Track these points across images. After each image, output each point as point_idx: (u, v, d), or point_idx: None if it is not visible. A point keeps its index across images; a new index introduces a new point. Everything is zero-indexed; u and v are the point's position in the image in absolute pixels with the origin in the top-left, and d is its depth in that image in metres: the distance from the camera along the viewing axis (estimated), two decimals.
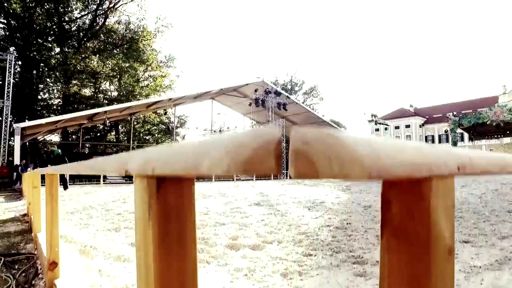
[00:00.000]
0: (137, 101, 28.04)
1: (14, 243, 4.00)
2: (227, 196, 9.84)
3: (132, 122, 33.10)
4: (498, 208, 5.87)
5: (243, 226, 4.47)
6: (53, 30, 30.76)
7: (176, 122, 38.37)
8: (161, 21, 32.99)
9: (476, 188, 11.71)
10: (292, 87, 62.05)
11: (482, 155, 0.59)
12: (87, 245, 3.21)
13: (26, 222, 5.55)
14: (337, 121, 65.59)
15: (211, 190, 13.01)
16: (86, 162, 0.88)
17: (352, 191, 11.64)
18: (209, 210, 6.35)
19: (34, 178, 3.56)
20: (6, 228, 5.00)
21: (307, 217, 5.28)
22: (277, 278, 2.29)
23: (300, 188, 13.62)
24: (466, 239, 3.42)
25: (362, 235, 3.74)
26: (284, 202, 7.66)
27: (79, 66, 27.80)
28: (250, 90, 30.69)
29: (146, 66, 34.47)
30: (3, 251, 3.57)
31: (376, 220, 4.89)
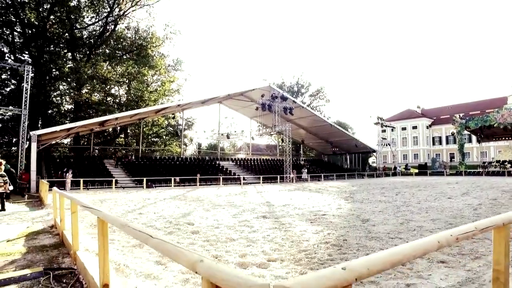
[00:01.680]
0: (147, 108, 28.83)
1: (53, 257, 4.63)
2: (236, 206, 10.41)
3: (141, 126, 33.97)
4: None
5: (251, 242, 5.04)
6: (65, 38, 31.77)
7: (184, 125, 39.09)
8: (169, 28, 33.81)
9: (476, 197, 12.10)
10: (299, 89, 62.42)
11: (378, 260, 1.15)
12: (120, 263, 3.82)
13: (56, 234, 6.19)
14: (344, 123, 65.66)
15: (219, 198, 13.62)
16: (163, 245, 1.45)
17: (355, 199, 12.13)
18: (220, 223, 6.94)
19: (72, 204, 4.17)
20: (41, 241, 5.64)
21: (309, 232, 5.83)
22: None
23: (304, 196, 14.14)
24: (444, 259, 3.94)
25: (354, 254, 4.28)
26: (288, 214, 8.21)
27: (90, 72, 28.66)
28: (257, 95, 31.28)
29: (155, 71, 35.30)
30: (47, 264, 4.20)
31: (370, 236, 5.42)
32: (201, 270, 1.10)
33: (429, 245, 1.48)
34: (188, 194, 15.84)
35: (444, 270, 3.48)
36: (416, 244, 1.42)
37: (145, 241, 1.64)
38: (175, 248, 1.34)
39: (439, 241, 1.54)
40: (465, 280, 3.13)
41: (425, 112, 70.87)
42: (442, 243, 1.55)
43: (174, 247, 1.35)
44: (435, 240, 1.53)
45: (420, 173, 44.85)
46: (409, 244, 1.40)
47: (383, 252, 1.26)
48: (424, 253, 1.46)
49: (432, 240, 1.52)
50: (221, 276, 1.02)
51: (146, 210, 9.63)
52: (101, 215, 2.60)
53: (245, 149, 43.52)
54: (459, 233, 1.72)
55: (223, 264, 1.13)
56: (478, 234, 1.95)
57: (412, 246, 1.38)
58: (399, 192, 15.45)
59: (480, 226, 1.90)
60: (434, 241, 1.52)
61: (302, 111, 34.95)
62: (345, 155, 45.45)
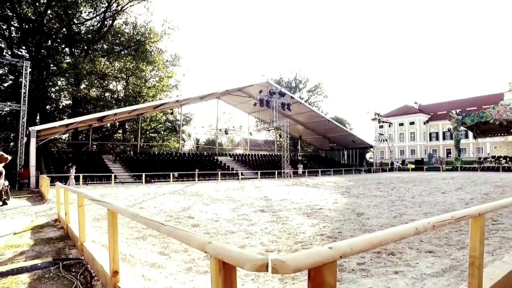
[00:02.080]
0: (146, 103, 28.91)
1: (60, 248, 4.82)
2: (234, 200, 10.63)
3: (140, 122, 34.07)
4: None
5: (250, 234, 5.26)
6: (63, 33, 31.64)
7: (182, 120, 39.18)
8: (167, 23, 33.74)
9: (469, 192, 12.39)
10: (297, 84, 62.50)
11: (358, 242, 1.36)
12: (126, 254, 4.02)
13: (60, 228, 6.38)
14: (341, 118, 65.92)
15: (218, 192, 13.85)
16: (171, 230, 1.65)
17: (351, 194, 12.39)
18: (219, 217, 7.16)
19: (79, 198, 4.36)
20: (46, 234, 5.84)
21: (305, 225, 6.06)
22: (275, 281, 3.08)
23: (301, 190, 14.39)
24: (432, 249, 4.18)
25: None
26: (286, 208, 8.44)
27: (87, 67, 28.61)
28: (255, 90, 31.41)
29: (153, 67, 35.29)
30: (55, 255, 4.39)
31: (364, 229, 5.65)
32: (210, 249, 1.29)
33: (407, 231, 1.68)
34: (187, 189, 16.05)
35: (431, 259, 3.71)
36: (395, 230, 1.63)
37: (156, 228, 1.84)
38: (186, 233, 1.54)
39: (416, 228, 1.75)
40: (449, 267, 3.36)
41: (423, 108, 71.22)
42: (419, 230, 1.76)
43: (185, 233, 1.55)
44: (413, 227, 1.73)
45: (416, 168, 45.30)
46: (389, 230, 1.61)
47: (365, 236, 1.46)
48: (402, 238, 1.67)
49: (410, 226, 1.73)
50: (227, 254, 1.22)
51: (147, 204, 9.83)
52: (111, 207, 2.80)
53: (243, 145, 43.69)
54: (436, 221, 1.93)
55: (228, 244, 1.33)
56: (453, 223, 2.17)
57: (391, 231, 1.59)
58: (395, 187, 15.72)
59: (456, 216, 2.11)
60: (412, 228, 1.73)
61: (299, 106, 35.13)
62: (342, 150, 45.77)
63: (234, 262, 1.19)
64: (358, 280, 3.07)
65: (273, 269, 1.08)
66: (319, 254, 1.19)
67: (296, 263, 1.11)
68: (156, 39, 34.03)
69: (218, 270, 1.25)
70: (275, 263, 1.08)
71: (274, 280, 3.14)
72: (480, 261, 2.36)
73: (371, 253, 4.02)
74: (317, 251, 1.21)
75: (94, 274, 3.53)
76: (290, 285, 2.99)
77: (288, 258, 1.11)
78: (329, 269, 1.21)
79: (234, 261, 1.18)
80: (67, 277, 3.46)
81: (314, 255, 1.18)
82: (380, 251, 4.13)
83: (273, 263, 1.08)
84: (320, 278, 1.20)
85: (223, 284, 1.24)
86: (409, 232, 1.70)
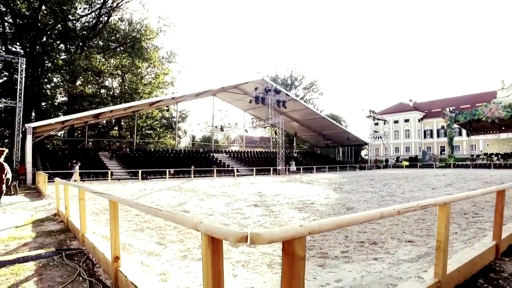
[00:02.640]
0: (142, 100, 29.00)
1: (61, 240, 5.05)
2: (229, 196, 10.90)
3: (135, 119, 34.14)
4: (459, 211, 6.91)
5: (242, 227, 5.53)
6: (58, 29, 31.53)
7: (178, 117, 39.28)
8: (163, 20, 33.79)
9: (458, 188, 12.78)
10: (292, 82, 62.72)
11: (326, 222, 1.63)
12: (125, 244, 4.27)
13: (60, 221, 6.60)
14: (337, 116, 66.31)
15: (213, 188, 14.10)
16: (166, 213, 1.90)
17: (343, 190, 12.70)
18: (214, 211, 7.42)
19: (80, 192, 4.59)
20: (47, 227, 6.05)
21: (296, 219, 6.34)
22: (264, 268, 3.35)
23: (295, 187, 14.69)
24: (413, 239, 4.48)
25: (335, 236, 4.79)
26: (279, 203, 8.72)
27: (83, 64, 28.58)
28: (251, 87, 31.59)
29: (149, 64, 35.30)
30: (57, 246, 4.62)
31: None
32: (201, 227, 1.55)
33: (372, 215, 1.95)
34: (183, 185, 16.28)
35: (409, 248, 4.00)
36: (361, 214, 1.89)
37: (155, 214, 2.09)
38: (181, 216, 1.79)
39: (381, 213, 2.01)
40: (424, 254, 3.65)
41: (417, 105, 71.89)
42: (384, 214, 2.02)
43: (180, 216, 1.80)
44: (378, 212, 2.00)
45: (410, 165, 45.86)
46: (355, 214, 1.87)
47: (333, 218, 1.72)
48: (367, 220, 1.93)
49: (376, 212, 1.99)
50: (215, 230, 1.47)
51: (144, 200, 10.06)
52: (112, 198, 3.04)
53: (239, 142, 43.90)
54: (401, 208, 2.20)
55: (215, 223, 1.59)
56: (419, 210, 2.44)
57: (357, 215, 1.85)
58: (387, 183, 16.08)
59: (422, 204, 2.38)
60: (377, 213, 1.99)
61: (295, 104, 35.39)
62: (337, 147, 46.17)
63: (220, 236, 1.44)
64: (340, 265, 3.34)
65: (251, 240, 1.34)
66: (291, 230, 1.45)
67: (270, 236, 1.37)
68: (152, 36, 34.03)
69: (208, 244, 1.51)
70: (253, 235, 1.34)
71: (263, 266, 3.41)
72: (445, 245, 2.64)
73: (355, 243, 4.31)
74: (290, 228, 1.47)
75: (95, 262, 3.77)
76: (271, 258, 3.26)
77: (264, 232, 1.37)
78: (300, 243, 1.47)
79: (220, 235, 1.44)
80: (70, 265, 3.70)
81: (287, 230, 1.44)
82: (363, 241, 4.42)
83: (251, 236, 1.34)
84: (291, 250, 1.45)
85: (211, 254, 1.49)
86: (374, 216, 1.97)
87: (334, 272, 3.11)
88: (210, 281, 1.50)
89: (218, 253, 1.51)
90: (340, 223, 1.72)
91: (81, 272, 3.46)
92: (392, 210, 2.12)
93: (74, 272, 3.48)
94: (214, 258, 1.51)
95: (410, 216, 6.42)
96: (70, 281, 3.18)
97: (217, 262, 1.51)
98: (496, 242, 3.76)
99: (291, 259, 1.44)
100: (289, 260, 1.44)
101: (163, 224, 5.75)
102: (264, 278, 3.01)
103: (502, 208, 3.80)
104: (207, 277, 1.52)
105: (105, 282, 3.14)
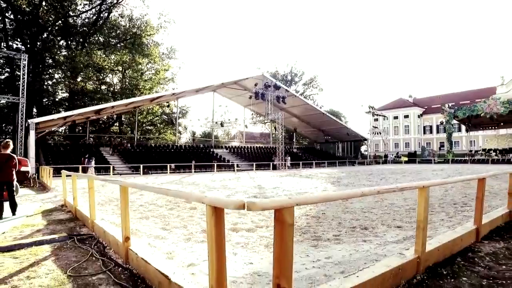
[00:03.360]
0: (143, 96, 29.23)
1: (71, 227, 5.35)
2: (229, 188, 11.21)
3: (136, 114, 34.38)
4: (449, 202, 7.21)
5: (242, 215, 5.83)
6: (59, 26, 31.69)
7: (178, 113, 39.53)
8: (164, 16, 33.87)
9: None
10: (292, 77, 62.88)
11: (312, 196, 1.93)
12: (133, 229, 4.57)
13: (68, 211, 6.90)
14: (337, 111, 66.57)
15: (214, 182, 14.42)
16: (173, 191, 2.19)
17: (341, 183, 13.01)
18: None
19: (90, 181, 4.89)
20: (56, 216, 6.36)
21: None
22: (262, 248, 3.65)
23: (294, 180, 15.01)
24: (401, 225, 4.78)
25: (329, 222, 5.09)
26: (277, 195, 9.03)
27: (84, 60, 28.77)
28: (251, 83, 31.80)
29: (149, 59, 35.49)
30: (69, 232, 4.93)
31: (345, 211, 6.25)
32: (206, 200, 1.84)
33: (353, 193, 2.24)
34: (184, 180, 16.60)
35: (397, 232, 4.31)
36: (344, 192, 2.18)
37: (165, 193, 2.37)
38: (188, 193, 2.09)
39: (362, 192, 2.30)
40: (409, 237, 3.96)
41: (417, 101, 71.97)
42: (365, 193, 2.31)
43: (188, 192, 2.10)
44: (359, 191, 2.29)
45: (409, 161, 46.16)
46: (339, 192, 2.16)
47: (319, 193, 2.02)
48: (348, 197, 2.23)
49: (357, 190, 2.28)
50: (217, 201, 1.76)
51: (146, 192, 10.36)
52: (123, 183, 3.33)
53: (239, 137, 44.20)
54: (381, 189, 2.49)
55: (219, 196, 1.88)
56: (398, 191, 2.73)
57: (340, 193, 2.14)
58: (384, 177, 16.39)
59: (400, 186, 2.68)
60: (359, 192, 2.28)
61: (295, 99, 35.61)
62: (337, 143, 46.45)
63: (222, 205, 1.74)
64: (331, 246, 3.65)
65: (248, 207, 1.63)
66: (281, 201, 1.75)
67: (263, 204, 1.66)
68: (152, 32, 34.18)
69: (212, 214, 1.80)
70: (249, 204, 1.63)
71: (261, 247, 3.72)
72: (425, 224, 2.94)
73: (347, 228, 4.61)
74: (280, 199, 1.76)
75: (106, 245, 4.07)
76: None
77: (258, 201, 1.66)
78: (289, 211, 1.76)
79: (222, 205, 1.73)
80: (83, 248, 4.01)
81: (277, 201, 1.74)
82: (355, 226, 4.73)
83: (247, 204, 1.63)
84: (282, 218, 1.75)
85: (215, 222, 1.78)
86: (355, 194, 2.26)
87: (325, 251, 3.42)
88: (214, 244, 1.80)
89: (220, 221, 1.80)
90: (324, 197, 2.02)
91: (93, 253, 3.76)
92: (373, 190, 2.41)
93: (86, 253, 3.78)
94: (217, 225, 1.80)
95: (403, 207, 6.73)
96: (85, 260, 3.48)
97: (220, 228, 1.81)
98: (477, 227, 4.06)
99: (281, 225, 1.74)
100: (280, 226, 1.74)
101: (167, 213, 6.06)
102: (262, 256, 3.32)
103: (483, 195, 4.09)
104: (212, 240, 1.81)
105: (117, 260, 3.44)
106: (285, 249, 1.75)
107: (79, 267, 3.27)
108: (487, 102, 39.26)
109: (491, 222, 4.51)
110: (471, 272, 2.91)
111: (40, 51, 29.75)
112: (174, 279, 2.39)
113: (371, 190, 2.39)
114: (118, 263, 3.35)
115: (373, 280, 2.38)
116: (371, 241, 3.81)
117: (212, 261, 1.82)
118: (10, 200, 6.28)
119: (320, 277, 2.59)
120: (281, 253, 1.73)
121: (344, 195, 2.14)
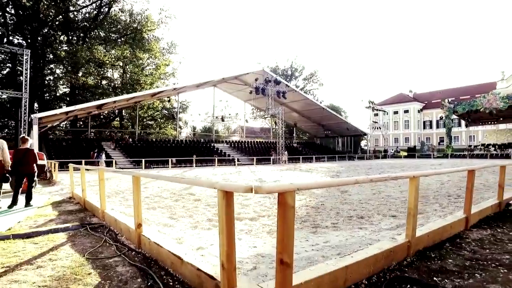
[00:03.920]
0: (144, 91, 29.39)
1: (82, 217, 5.62)
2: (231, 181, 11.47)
3: (137, 109, 34.57)
4: (444, 194, 7.47)
5: (245, 206, 6.10)
6: (59, 21, 31.71)
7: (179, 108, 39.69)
8: (164, 12, 33.90)
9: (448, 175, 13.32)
10: (293, 72, 62.89)
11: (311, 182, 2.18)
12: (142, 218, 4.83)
13: (77, 203, 7.16)
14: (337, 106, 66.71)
15: (215, 176, 14.69)
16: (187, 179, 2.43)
17: (340, 177, 13.27)
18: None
19: (101, 173, 5.14)
20: (66, 208, 6.63)
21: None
22: (264, 234, 3.91)
23: (295, 174, 15.28)
24: (396, 215, 5.04)
25: (328, 212, 5.36)
26: None
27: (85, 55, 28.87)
28: (251, 78, 31.95)
29: (150, 54, 35.56)
30: (80, 221, 5.19)
31: (344, 202, 6.51)
32: (217, 186, 2.08)
33: (348, 181, 2.49)
34: (185, 173, 16.87)
35: (391, 221, 4.57)
36: (340, 179, 2.43)
37: (178, 181, 2.62)
38: (201, 179, 2.33)
39: (357, 180, 2.55)
40: (403, 224, 4.21)
41: (417, 96, 72.00)
42: (359, 181, 2.56)
43: (200, 179, 2.34)
44: (353, 179, 2.53)
45: (409, 155, 46.44)
46: (335, 179, 2.41)
47: (316, 180, 2.26)
48: (343, 184, 2.47)
49: (351, 179, 2.52)
50: (228, 186, 2.01)
51: (150, 185, 10.64)
52: (135, 174, 3.58)
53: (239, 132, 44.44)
54: (374, 177, 2.74)
55: (229, 181, 2.12)
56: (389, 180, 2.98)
57: (336, 180, 2.39)
58: (383, 171, 16.66)
59: (392, 175, 2.92)
60: (353, 179, 2.53)
61: (295, 94, 35.76)
62: (337, 138, 46.70)
63: (232, 189, 1.98)
64: (329, 232, 3.91)
65: (255, 191, 1.88)
66: (284, 186, 1.99)
67: (269, 188, 1.91)
68: (152, 27, 34.22)
69: (223, 197, 2.05)
70: (256, 188, 1.88)
71: (263, 233, 3.98)
72: (415, 211, 3.19)
73: (344, 217, 4.87)
74: (283, 184, 2.00)
75: (117, 232, 4.33)
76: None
77: (264, 185, 1.90)
78: (290, 195, 2.01)
79: (232, 189, 1.98)
80: (96, 235, 4.27)
81: (281, 185, 1.98)
82: (352, 216, 4.99)
83: (255, 188, 1.88)
84: (284, 200, 1.99)
85: (226, 205, 2.03)
86: (350, 181, 2.51)
87: (323, 237, 3.68)
88: (224, 224, 2.05)
89: (230, 204, 2.05)
90: (321, 184, 2.26)
91: (106, 239, 4.02)
92: (366, 178, 2.66)
93: (100, 240, 4.04)
94: (227, 208, 2.05)
95: (399, 198, 6.99)
96: (99, 246, 3.74)
97: (230, 210, 2.05)
98: (466, 216, 4.31)
99: (284, 207, 1.98)
100: (283, 208, 1.98)
101: (172, 204, 6.32)
102: (265, 241, 3.58)
103: (472, 186, 4.35)
104: (222, 221, 2.06)
105: (130, 246, 3.70)
106: (287, 228, 1.99)
107: (95, 251, 3.53)
108: (487, 97, 39.38)
109: (480, 212, 4.77)
110: (457, 255, 3.17)
111: (41, 46, 29.84)
112: (186, 259, 2.64)
113: (364, 179, 2.63)
114: (131, 247, 3.61)
115: (366, 260, 2.63)
116: (366, 228, 4.07)
117: (222, 239, 2.08)
118: (28, 191, 6.58)
119: (318, 258, 2.85)
120: (283, 232, 1.98)
121: (341, 182, 2.39)
